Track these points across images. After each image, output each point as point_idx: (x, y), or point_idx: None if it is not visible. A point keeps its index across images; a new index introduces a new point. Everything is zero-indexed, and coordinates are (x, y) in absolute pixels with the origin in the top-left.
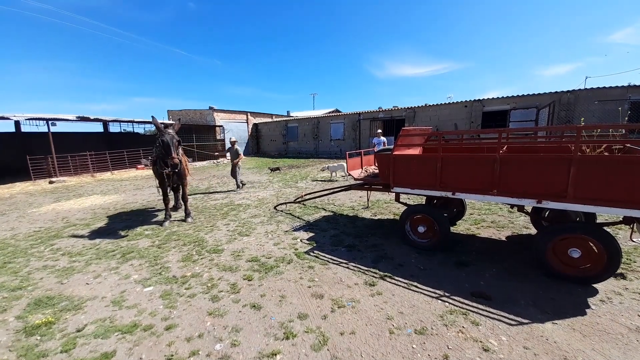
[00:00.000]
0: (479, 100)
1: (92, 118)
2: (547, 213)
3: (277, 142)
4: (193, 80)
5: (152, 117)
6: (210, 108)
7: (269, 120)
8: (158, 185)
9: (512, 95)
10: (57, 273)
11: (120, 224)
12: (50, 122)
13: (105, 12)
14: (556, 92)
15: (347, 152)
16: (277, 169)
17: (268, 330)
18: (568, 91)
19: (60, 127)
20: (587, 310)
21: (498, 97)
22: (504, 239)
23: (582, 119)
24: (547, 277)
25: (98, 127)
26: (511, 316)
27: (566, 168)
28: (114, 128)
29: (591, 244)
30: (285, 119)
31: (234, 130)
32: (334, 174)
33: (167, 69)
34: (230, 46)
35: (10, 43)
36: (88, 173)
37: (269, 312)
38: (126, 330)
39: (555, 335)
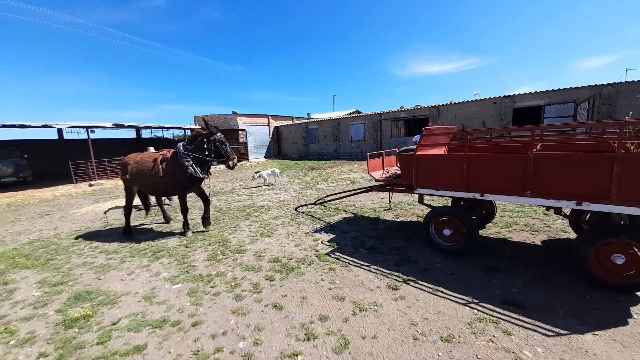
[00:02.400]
0: (509, 96)
1: (126, 125)
2: (588, 216)
3: (297, 144)
4: (217, 86)
5: (204, 119)
6: (234, 113)
7: (290, 122)
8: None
9: (547, 90)
10: (95, 269)
11: (151, 224)
12: (89, 129)
13: (137, 25)
14: (595, 85)
15: (368, 153)
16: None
17: (289, 330)
18: (608, 84)
19: (97, 134)
20: (629, 319)
21: (531, 92)
22: (539, 243)
23: (630, 113)
24: (588, 284)
25: (131, 133)
26: (548, 326)
27: (609, 167)
28: (145, 134)
29: (636, 249)
30: (306, 121)
31: (256, 133)
32: (265, 180)
33: (193, 77)
34: (252, 52)
35: (53, 56)
36: None
37: (290, 313)
38: (156, 325)
39: (595, 347)
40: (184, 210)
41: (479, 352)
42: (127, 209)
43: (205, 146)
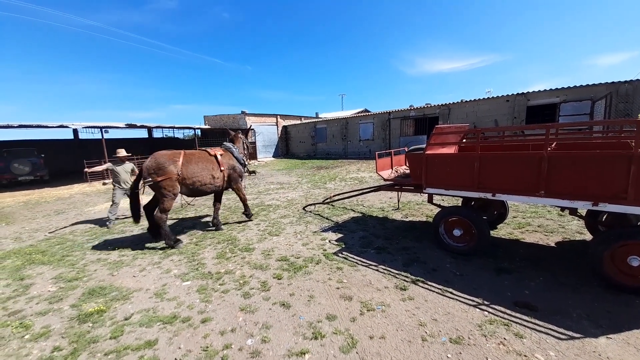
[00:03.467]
0: (522, 93)
1: (138, 125)
2: (604, 217)
3: (306, 143)
4: (226, 86)
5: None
6: (242, 112)
7: (298, 122)
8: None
9: (562, 87)
10: (108, 266)
11: None
12: (103, 129)
13: (148, 27)
14: (612, 82)
15: (377, 152)
16: (253, 172)
17: (297, 329)
18: (625, 81)
19: (111, 134)
20: None
21: (545, 90)
22: (552, 245)
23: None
24: (603, 287)
25: (143, 133)
26: (561, 330)
27: (626, 166)
28: (157, 134)
29: None
30: (314, 120)
31: (264, 133)
32: None
33: (203, 77)
34: (261, 52)
35: (70, 58)
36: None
37: (298, 311)
38: (167, 321)
39: (609, 351)
40: (220, 202)
41: (489, 355)
42: (167, 212)
43: (245, 145)
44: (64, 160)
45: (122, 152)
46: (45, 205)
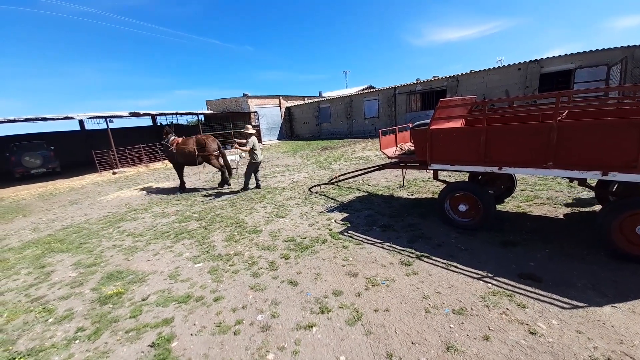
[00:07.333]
0: (535, 60)
1: (141, 113)
2: (615, 187)
3: (310, 124)
4: (227, 69)
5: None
6: (244, 95)
7: (301, 102)
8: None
9: (577, 52)
10: (124, 251)
11: (172, 207)
12: (108, 119)
13: (143, 10)
14: (628, 46)
15: (380, 130)
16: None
17: (304, 304)
18: None
19: (116, 123)
20: None
21: (560, 56)
22: (561, 217)
23: None
24: (610, 257)
25: (147, 121)
26: (565, 299)
27: (636, 134)
28: (160, 121)
29: None
30: (317, 100)
31: (268, 115)
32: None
33: (204, 61)
34: (261, 31)
35: (67, 47)
36: (143, 164)
37: (305, 288)
38: (182, 300)
39: (614, 319)
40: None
41: (491, 324)
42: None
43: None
44: (74, 152)
45: (249, 129)
46: (60, 197)
